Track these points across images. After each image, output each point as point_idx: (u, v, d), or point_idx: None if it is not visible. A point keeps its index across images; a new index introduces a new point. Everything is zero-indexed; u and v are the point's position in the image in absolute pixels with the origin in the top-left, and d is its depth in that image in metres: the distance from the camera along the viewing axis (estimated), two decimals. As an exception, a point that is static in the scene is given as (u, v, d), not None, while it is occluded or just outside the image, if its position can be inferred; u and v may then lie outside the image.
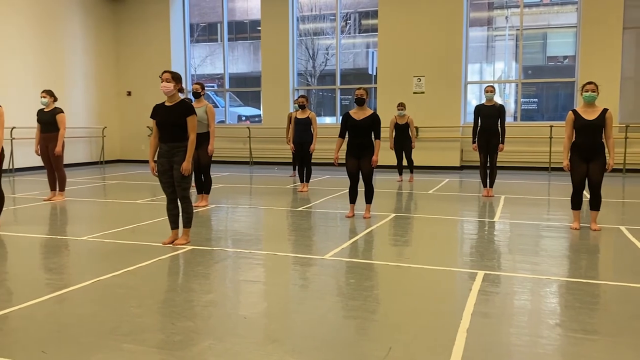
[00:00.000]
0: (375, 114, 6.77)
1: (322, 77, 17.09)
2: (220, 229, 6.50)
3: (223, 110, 16.74)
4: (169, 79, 5.24)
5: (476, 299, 3.75)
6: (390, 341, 3.06)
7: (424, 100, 13.67)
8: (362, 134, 6.73)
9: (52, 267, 4.73)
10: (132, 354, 2.88)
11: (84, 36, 15.34)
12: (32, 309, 3.59)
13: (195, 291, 4.03)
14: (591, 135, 5.89)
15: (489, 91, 8.62)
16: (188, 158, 5.22)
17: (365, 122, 6.70)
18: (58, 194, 8.48)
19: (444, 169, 13.40)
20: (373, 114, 6.75)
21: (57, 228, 6.69)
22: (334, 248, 5.28)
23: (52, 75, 14.23)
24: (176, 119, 5.20)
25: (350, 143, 6.82)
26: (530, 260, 4.88)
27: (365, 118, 6.71)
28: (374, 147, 6.75)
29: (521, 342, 3.08)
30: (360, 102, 6.76)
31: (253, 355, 2.87)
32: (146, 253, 5.06)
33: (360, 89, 6.81)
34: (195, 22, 17.16)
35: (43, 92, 8.42)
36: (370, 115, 6.72)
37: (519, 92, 13.90)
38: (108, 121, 16.14)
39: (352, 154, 6.81)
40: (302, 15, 16.26)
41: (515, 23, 14.18)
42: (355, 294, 3.95)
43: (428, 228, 6.47)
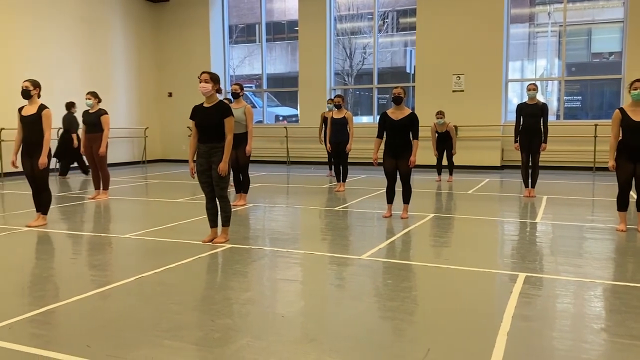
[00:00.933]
0: (414, 114, 6.70)
1: (359, 77, 17.03)
2: (258, 228, 6.56)
3: (261, 111, 16.88)
4: (208, 79, 5.30)
5: (517, 301, 3.67)
6: (429, 343, 3.02)
7: (464, 99, 13.46)
8: (400, 134, 6.67)
9: (96, 264, 4.87)
10: (172, 349, 2.94)
11: (127, 39, 15.74)
12: (78, 305, 3.70)
13: (233, 289, 4.08)
14: (639, 136, 5.68)
15: (531, 89, 8.41)
16: (225, 159, 5.28)
17: (404, 121, 6.64)
18: (102, 193, 8.72)
19: (484, 168, 13.17)
20: (411, 114, 6.68)
21: (101, 226, 6.88)
22: (371, 248, 5.25)
23: (97, 77, 14.65)
24: (214, 120, 5.27)
25: (388, 143, 6.77)
26: (573, 262, 4.75)
27: (403, 118, 6.65)
28: (412, 147, 6.68)
29: (564, 347, 3.00)
30: (397, 100, 6.70)
31: (290, 354, 2.88)
32: (186, 251, 5.16)
33: (398, 88, 6.74)
34: (234, 24, 17.37)
35: (88, 94, 8.66)
36: (408, 115, 6.65)
37: (562, 90, 13.54)
38: (150, 122, 16.51)
39: (390, 154, 6.76)
40: (340, 14, 16.24)
41: (558, 19, 13.80)
42: (393, 295, 3.92)
43: (467, 229, 6.37)
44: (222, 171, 5.28)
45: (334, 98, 9.69)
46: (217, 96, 5.38)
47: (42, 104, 6.32)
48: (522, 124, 8.41)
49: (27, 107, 6.35)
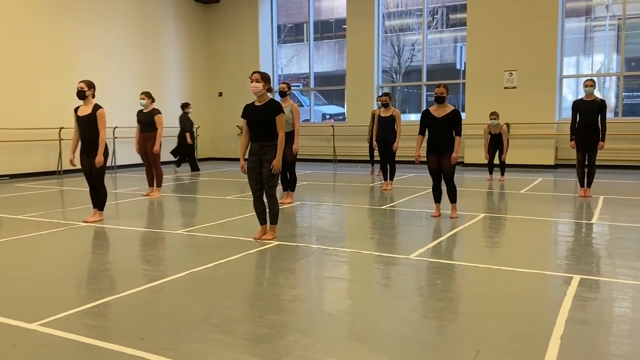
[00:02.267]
0: (456, 110, 6.58)
1: (407, 74, 16.87)
2: (305, 226, 6.60)
3: (308, 109, 16.97)
4: (259, 79, 5.36)
5: (571, 304, 3.55)
6: (478, 345, 2.96)
7: (516, 96, 13.11)
8: (442, 131, 6.57)
9: (149, 259, 5.01)
10: (222, 344, 3.00)
11: (178, 40, 16.14)
12: (132, 298, 3.83)
13: (281, 285, 4.12)
14: None
15: (588, 85, 8.09)
16: (278, 156, 5.34)
17: (446, 119, 6.53)
18: (155, 190, 8.98)
19: (537, 167, 12.79)
20: (453, 111, 6.56)
21: (154, 222, 7.08)
22: (419, 248, 5.20)
23: (149, 77, 15.11)
24: (266, 117, 5.34)
25: (431, 140, 6.68)
26: (632, 265, 4.55)
27: (445, 115, 6.54)
28: (454, 144, 6.57)
29: (622, 353, 2.88)
30: (440, 100, 6.58)
31: (338, 352, 2.89)
32: (235, 247, 5.25)
33: (440, 87, 6.61)
34: (282, 23, 17.53)
35: (142, 94, 8.91)
36: (450, 113, 6.54)
37: (620, 86, 12.98)
38: (201, 121, 16.87)
39: (432, 151, 6.67)
40: (388, 11, 16.12)
41: (616, 12, 13.25)
42: (441, 295, 3.86)
43: (519, 229, 6.21)
44: (276, 169, 5.35)
45: (381, 96, 9.62)
46: (268, 95, 5.44)
47: (97, 104, 6.56)
48: (579, 121, 8.12)
49: (82, 107, 6.60)
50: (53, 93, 12.64)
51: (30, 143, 12.19)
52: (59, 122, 12.45)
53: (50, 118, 12.41)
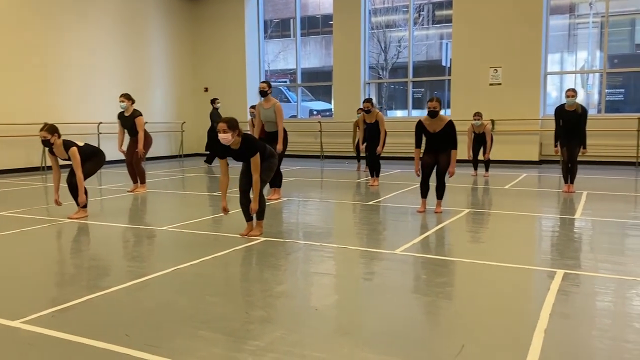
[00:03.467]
0: (451, 124, 6.58)
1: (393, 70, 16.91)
2: (292, 222, 6.60)
3: (295, 105, 16.94)
4: (226, 129, 5.12)
5: (555, 298, 3.60)
6: (463, 339, 2.99)
7: (501, 92, 13.21)
8: (438, 144, 6.65)
9: (134, 255, 4.98)
10: (208, 340, 2.99)
11: (164, 35, 16.01)
12: (117, 295, 3.80)
13: (267, 282, 4.12)
14: None
15: (570, 96, 8.09)
16: (255, 198, 5.34)
17: (442, 133, 6.59)
18: (140, 186, 8.91)
19: (521, 163, 12.91)
20: (448, 124, 6.57)
21: (139, 218, 7.04)
22: (405, 243, 5.22)
23: (134, 72, 14.99)
24: (246, 158, 5.35)
25: (428, 147, 6.76)
26: (614, 259, 4.62)
27: (441, 130, 6.58)
28: (451, 158, 6.62)
29: (604, 346, 2.92)
30: (434, 114, 6.58)
31: (324, 347, 2.90)
32: (221, 243, 5.23)
33: (433, 101, 6.55)
34: (268, 19, 17.47)
35: (121, 97, 8.66)
36: (445, 126, 6.56)
37: (603, 83, 13.14)
38: (187, 116, 16.77)
39: (429, 153, 6.76)
40: (374, 8, 16.13)
41: (600, 9, 13.39)
42: (427, 290, 3.89)
43: (504, 224, 6.27)
44: (253, 211, 5.39)
45: (363, 104, 9.55)
46: (239, 139, 5.25)
47: (66, 142, 6.45)
48: (562, 128, 8.23)
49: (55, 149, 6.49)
50: (35, 88, 12.48)
51: (11, 139, 12.03)
52: (41, 118, 12.29)
53: (33, 114, 12.24)
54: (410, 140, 6.91)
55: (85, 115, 13.43)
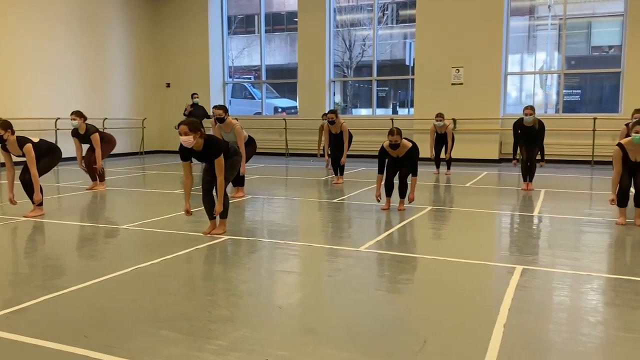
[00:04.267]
0: (413, 148, 6.70)
1: (358, 69, 16.98)
2: (256, 220, 6.56)
3: (259, 102, 16.85)
4: (187, 131, 5.00)
5: (514, 294, 3.68)
6: (425, 334, 3.03)
7: (463, 92, 13.43)
8: (401, 164, 6.79)
9: (93, 255, 4.86)
10: (169, 340, 2.94)
11: (125, 29, 15.66)
12: (75, 295, 3.70)
13: (231, 280, 4.09)
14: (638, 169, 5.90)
15: (528, 114, 8.27)
16: (220, 200, 5.28)
17: (405, 157, 6.73)
18: (100, 184, 8.70)
19: (482, 161, 13.16)
20: (411, 149, 6.68)
21: (99, 216, 6.87)
22: (369, 240, 5.26)
23: (94, 67, 14.62)
24: (211, 159, 5.28)
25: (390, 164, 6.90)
26: (570, 255, 4.76)
27: (405, 154, 6.72)
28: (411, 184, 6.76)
29: (560, 339, 3.00)
30: (395, 147, 6.67)
31: (287, 345, 2.89)
32: (183, 242, 5.16)
33: (395, 135, 6.58)
34: (232, 14, 17.29)
35: (72, 115, 8.30)
36: (408, 151, 6.69)
37: (561, 84, 13.51)
38: (147, 112, 16.46)
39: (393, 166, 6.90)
40: (339, 6, 16.17)
41: (558, 12, 13.76)
42: (390, 287, 3.93)
43: (465, 221, 6.38)
44: (217, 213, 5.33)
45: (327, 114, 9.56)
46: (201, 141, 5.13)
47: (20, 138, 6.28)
48: (521, 135, 8.47)
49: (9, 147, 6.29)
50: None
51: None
52: (-4, 113, 11.89)
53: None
54: (374, 138, 6.95)
55: (41, 110, 13.01)
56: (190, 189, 5.36)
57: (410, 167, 6.73)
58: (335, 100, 16.12)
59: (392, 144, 6.64)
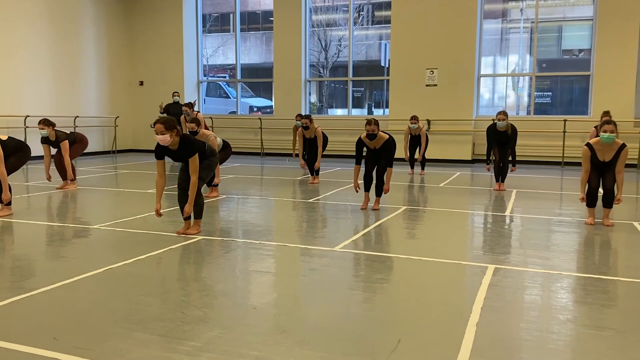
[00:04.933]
0: (390, 140, 6.75)
1: (334, 69, 17.01)
2: (231, 220, 6.52)
3: (234, 101, 16.75)
4: (163, 130, 4.97)
5: (486, 292, 3.73)
6: (400, 333, 3.05)
7: (437, 93, 13.57)
8: (379, 156, 6.84)
9: (64, 255, 4.77)
10: (142, 341, 2.90)
11: (96, 25, 15.39)
12: (44, 296, 3.62)
13: (205, 281, 4.05)
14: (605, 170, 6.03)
15: (501, 119, 8.42)
16: (190, 201, 5.23)
17: (382, 148, 6.79)
18: (70, 183, 8.54)
19: (455, 162, 13.32)
20: (387, 141, 6.74)
21: (69, 216, 6.74)
22: (344, 240, 5.27)
23: (65, 64, 14.34)
24: (185, 158, 5.24)
25: (368, 156, 6.95)
26: (541, 254, 4.84)
27: (381, 147, 6.77)
28: (386, 176, 6.80)
29: (531, 337, 3.06)
30: (372, 137, 6.72)
31: (262, 345, 2.87)
32: (157, 242, 5.09)
33: (371, 124, 6.67)
34: (207, 12, 17.15)
35: (40, 124, 8.11)
36: (384, 143, 6.74)
37: (532, 86, 13.76)
38: (120, 111, 16.22)
39: (370, 159, 6.95)
40: (315, 6, 16.18)
41: (530, 15, 14.01)
42: (365, 286, 3.94)
43: (439, 221, 6.44)
44: (186, 214, 5.28)
45: (301, 119, 9.56)
46: (177, 139, 5.11)
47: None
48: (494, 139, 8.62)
49: None
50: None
51: None
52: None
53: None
54: (350, 138, 6.99)
55: (10, 108, 12.70)
56: (162, 189, 5.29)
57: (386, 160, 6.77)
58: (311, 100, 16.13)
59: (370, 134, 6.68)
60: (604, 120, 6.02)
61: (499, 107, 14.88)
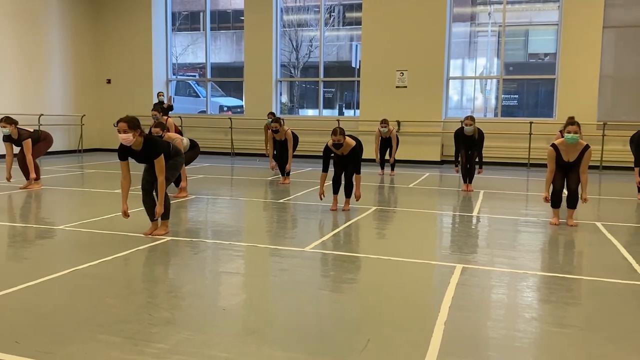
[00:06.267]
0: (357, 146, 6.78)
1: (305, 69, 17.02)
2: (200, 220, 6.46)
3: (204, 100, 16.59)
4: (126, 129, 4.84)
5: (454, 292, 3.78)
6: (369, 333, 3.07)
7: (407, 95, 13.70)
8: (346, 163, 6.87)
9: (27, 257, 4.64)
10: (108, 344, 2.85)
11: (63, 22, 15.04)
12: (6, 299, 3.52)
13: (173, 282, 4.00)
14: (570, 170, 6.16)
15: (468, 124, 8.55)
16: (160, 201, 5.14)
17: (349, 155, 6.80)
18: (35, 182, 8.33)
19: (424, 163, 13.46)
20: (354, 148, 6.75)
21: (33, 216, 6.58)
22: (315, 240, 5.27)
23: (29, 61, 13.97)
24: (150, 160, 5.13)
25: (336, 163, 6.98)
26: (507, 254, 4.93)
27: (348, 153, 6.79)
28: (355, 183, 6.84)
29: (498, 335, 3.11)
30: (339, 147, 6.73)
31: (231, 347, 2.85)
32: (124, 243, 5.00)
33: (337, 134, 6.62)
34: (177, 11, 16.95)
35: (2, 122, 7.90)
36: (352, 150, 6.76)
37: (500, 89, 14.01)
38: (87, 109, 15.88)
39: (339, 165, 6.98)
40: (286, 6, 16.16)
41: (498, 19, 14.27)
42: (335, 286, 3.95)
43: (408, 221, 6.50)
44: (158, 214, 5.20)
45: (271, 123, 9.48)
46: (141, 139, 5.00)
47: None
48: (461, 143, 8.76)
49: None
50: None
51: None
52: None
53: None
54: (321, 139, 7.00)
55: (-29, 104, 12.34)
56: (127, 190, 5.20)
57: (353, 166, 6.82)
58: (282, 100, 16.10)
59: (336, 144, 6.70)
60: (568, 121, 6.16)
61: (468, 109, 15.14)
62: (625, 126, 12.22)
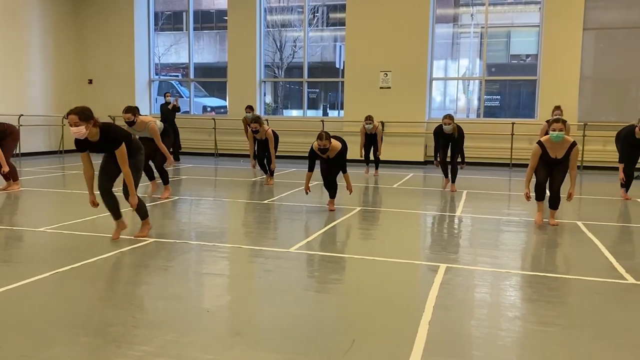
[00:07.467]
0: (343, 149, 6.83)
1: (289, 70, 16.99)
2: (184, 221, 6.41)
3: (187, 101, 16.49)
4: (77, 121, 4.59)
5: (438, 291, 3.81)
6: (354, 333, 3.07)
7: (391, 96, 13.75)
8: (332, 165, 6.93)
9: (8, 259, 4.57)
10: (91, 347, 2.81)
11: (43, 21, 14.84)
12: (-15, 302, 3.46)
13: (156, 284, 3.96)
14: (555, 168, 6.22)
15: (446, 124, 8.63)
16: (132, 193, 5.00)
17: (335, 157, 6.85)
18: (13, 184, 8.20)
19: (408, 163, 13.53)
20: (340, 151, 6.79)
21: (13, 218, 6.47)
22: (299, 241, 5.27)
23: (9, 60, 13.75)
24: (110, 150, 4.93)
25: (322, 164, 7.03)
26: (490, 253, 4.98)
27: (334, 157, 6.84)
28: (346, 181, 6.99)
29: (481, 334, 3.13)
30: (324, 152, 6.74)
31: (216, 349, 2.84)
32: (106, 245, 4.95)
33: (323, 139, 6.61)
34: (160, 10, 16.83)
35: None
36: (338, 153, 6.80)
37: (482, 89, 14.13)
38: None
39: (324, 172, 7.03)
40: (270, 6, 16.12)
41: (480, 21, 14.39)
42: (320, 287, 3.95)
43: (392, 221, 6.53)
44: (134, 206, 5.07)
45: (250, 123, 9.41)
46: (96, 129, 4.79)
47: None
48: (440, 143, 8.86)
49: None
50: None
51: None
52: None
53: None
54: (305, 140, 7.00)
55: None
56: (92, 180, 5.08)
57: (340, 167, 6.91)
58: (266, 100, 16.06)
59: (321, 149, 6.71)
60: (553, 119, 6.22)
61: (451, 110, 15.24)
62: (606, 126, 12.41)
